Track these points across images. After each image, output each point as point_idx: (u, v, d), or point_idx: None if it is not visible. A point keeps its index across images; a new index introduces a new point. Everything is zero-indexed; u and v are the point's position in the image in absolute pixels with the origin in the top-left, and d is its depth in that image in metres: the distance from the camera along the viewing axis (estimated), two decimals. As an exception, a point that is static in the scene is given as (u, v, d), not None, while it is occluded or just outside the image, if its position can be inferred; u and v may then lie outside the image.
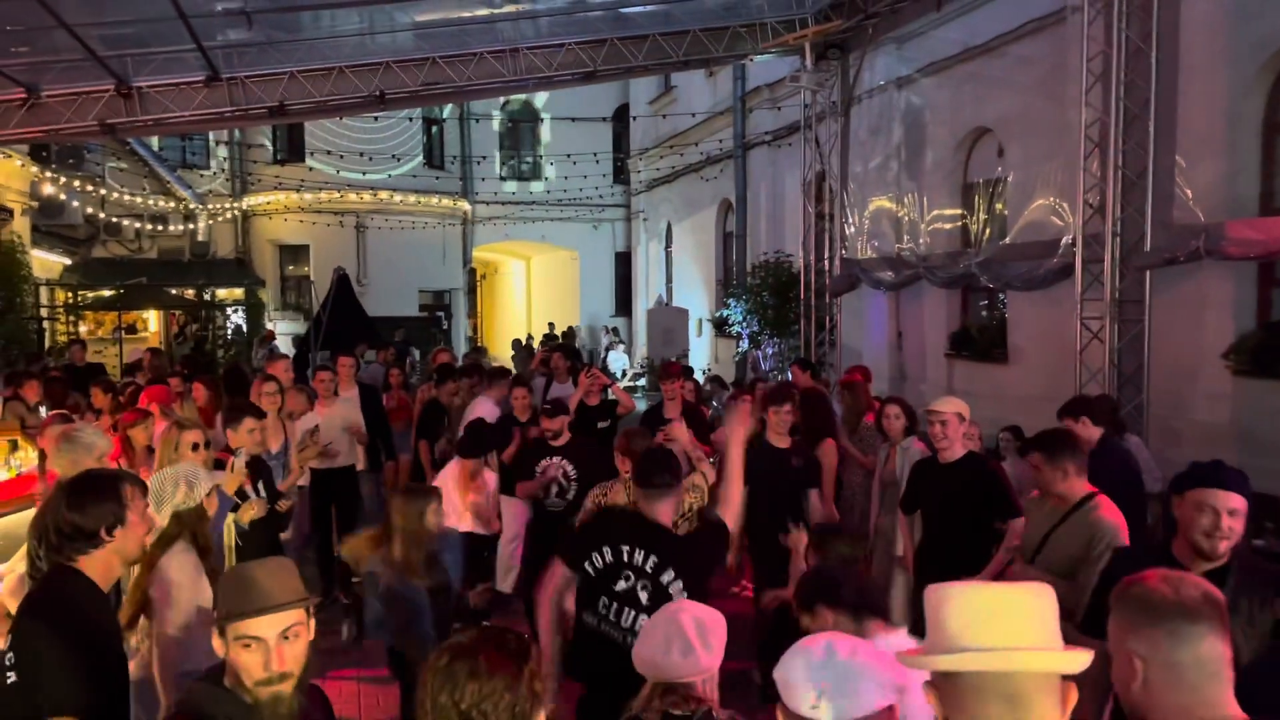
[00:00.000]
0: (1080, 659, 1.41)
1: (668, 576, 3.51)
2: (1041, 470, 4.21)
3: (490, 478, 6.47)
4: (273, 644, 2.17)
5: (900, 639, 2.66)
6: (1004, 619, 1.41)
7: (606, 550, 3.60)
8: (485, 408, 7.90)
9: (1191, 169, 7.88)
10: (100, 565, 2.84)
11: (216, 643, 2.23)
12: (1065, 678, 1.46)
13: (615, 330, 24.63)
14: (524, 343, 20.48)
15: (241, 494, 5.07)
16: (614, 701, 2.71)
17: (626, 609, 3.53)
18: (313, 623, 2.27)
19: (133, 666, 3.66)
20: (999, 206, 10.65)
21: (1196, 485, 3.06)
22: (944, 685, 1.45)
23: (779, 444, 6.04)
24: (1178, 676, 1.76)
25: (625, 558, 3.57)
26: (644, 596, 3.51)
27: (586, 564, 3.64)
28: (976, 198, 11.12)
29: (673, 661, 2.48)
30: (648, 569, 3.54)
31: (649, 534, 3.59)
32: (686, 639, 2.49)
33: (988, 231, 10.80)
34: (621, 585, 3.55)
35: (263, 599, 2.17)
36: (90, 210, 19.21)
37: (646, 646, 2.55)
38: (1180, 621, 1.79)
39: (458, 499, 6.08)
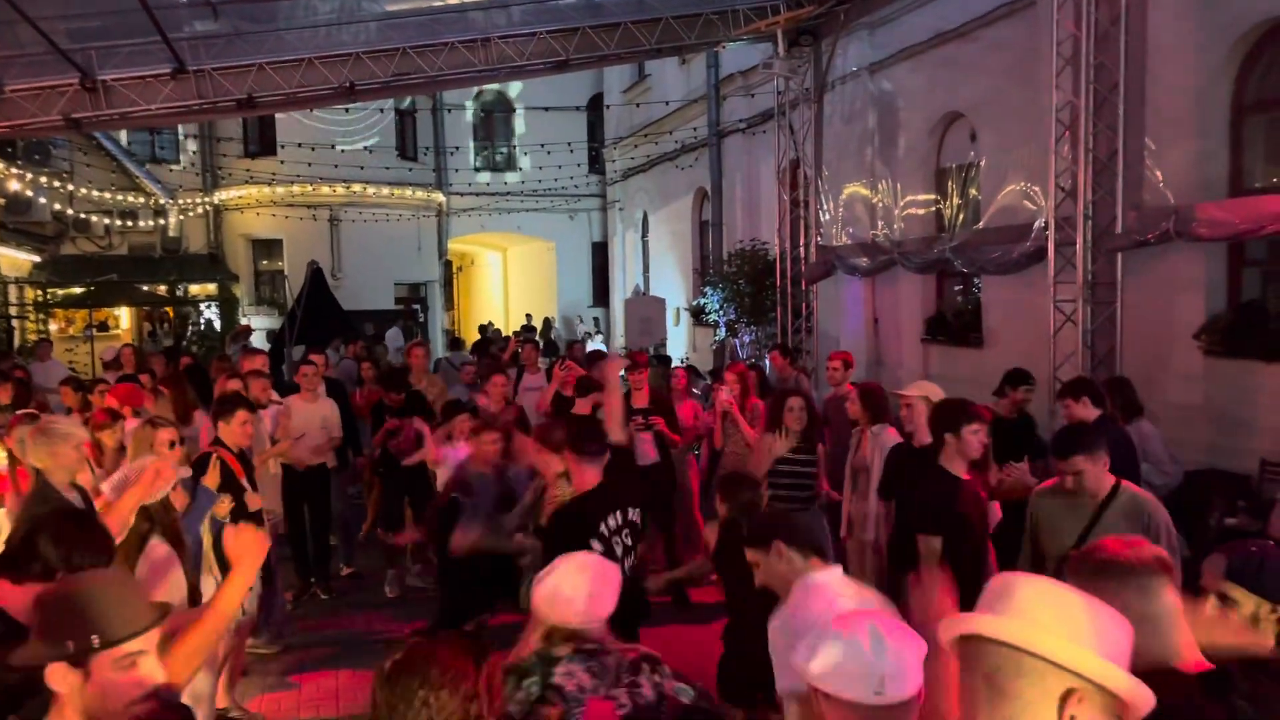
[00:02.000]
0: (1145, 697, 1.48)
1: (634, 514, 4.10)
2: (1085, 470, 3.89)
3: None
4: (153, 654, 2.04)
5: (835, 574, 3.10)
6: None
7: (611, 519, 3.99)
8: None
9: (1161, 151, 7.93)
10: None
11: (71, 677, 1.95)
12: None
13: (594, 320, 24.59)
14: (489, 331, 20.45)
15: (235, 487, 5.05)
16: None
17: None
18: None
19: None
20: (972, 191, 10.68)
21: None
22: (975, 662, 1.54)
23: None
24: (1153, 627, 1.92)
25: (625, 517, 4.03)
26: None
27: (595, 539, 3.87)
28: (950, 183, 11.16)
29: (573, 611, 2.72)
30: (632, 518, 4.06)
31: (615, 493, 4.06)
32: (591, 589, 2.76)
33: (961, 216, 10.84)
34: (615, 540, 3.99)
35: (151, 609, 2.07)
36: (58, 206, 18.94)
37: (549, 596, 2.78)
38: (1148, 578, 2.01)
39: None
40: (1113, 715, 1.48)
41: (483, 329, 20.95)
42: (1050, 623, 1.50)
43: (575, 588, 2.75)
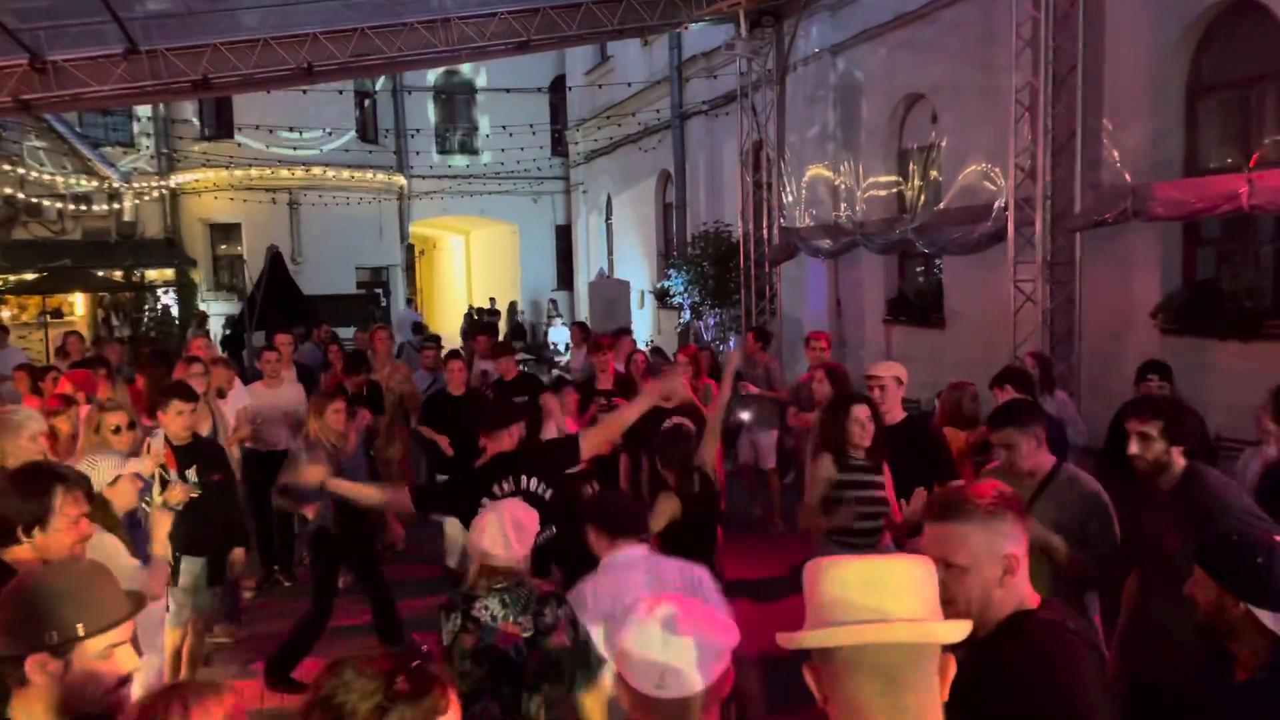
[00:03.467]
0: (959, 629, 1.39)
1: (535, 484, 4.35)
2: (1017, 443, 3.84)
3: None
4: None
5: (637, 553, 3.42)
6: (877, 591, 1.37)
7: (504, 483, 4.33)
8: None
9: (1119, 131, 8.02)
10: (24, 563, 2.72)
11: (52, 666, 1.94)
12: (944, 649, 1.43)
13: (553, 303, 24.50)
14: (475, 315, 20.43)
15: (165, 476, 4.97)
16: None
17: None
18: None
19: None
20: (933, 172, 10.75)
21: None
22: (821, 664, 1.41)
23: None
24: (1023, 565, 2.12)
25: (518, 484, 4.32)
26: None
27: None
28: (911, 164, 11.21)
29: (496, 551, 3.24)
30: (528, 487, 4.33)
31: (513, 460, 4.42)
32: (506, 533, 3.25)
33: (922, 197, 10.91)
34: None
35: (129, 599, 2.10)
36: (9, 191, 18.55)
37: (477, 538, 3.30)
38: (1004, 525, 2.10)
39: None
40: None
41: (468, 316, 20.95)
42: (923, 605, 1.41)
43: (496, 533, 3.27)
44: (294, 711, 1.66)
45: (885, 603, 1.36)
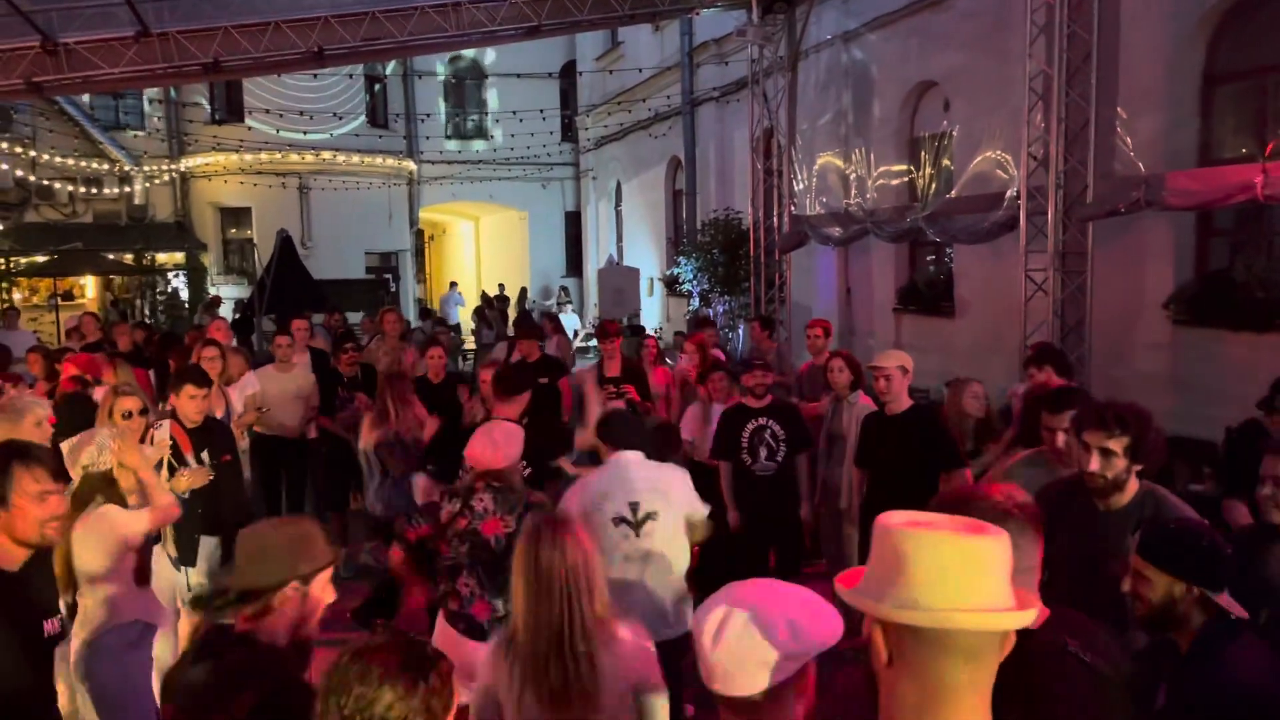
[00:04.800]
0: (1030, 616, 1.42)
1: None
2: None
3: None
4: None
5: (635, 457, 4.18)
6: (970, 573, 1.39)
7: None
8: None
9: (1133, 120, 7.96)
10: None
11: (301, 590, 2.34)
12: None
13: (564, 289, 24.48)
14: (493, 300, 20.43)
15: (178, 460, 4.99)
16: None
17: None
18: None
19: (75, 628, 3.63)
20: (945, 160, 10.69)
21: None
22: (898, 632, 1.43)
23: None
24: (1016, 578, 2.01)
25: None
26: None
27: None
28: (923, 152, 11.16)
29: (486, 454, 3.88)
30: None
31: None
32: (494, 439, 3.91)
33: (934, 186, 10.85)
34: None
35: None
36: (21, 173, 18.58)
37: (471, 449, 3.94)
38: (1022, 536, 1.99)
39: None
40: None
41: (484, 298, 21.03)
42: (1004, 585, 1.43)
43: (486, 441, 3.92)
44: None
45: (983, 585, 1.39)
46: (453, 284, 25.58)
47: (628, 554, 4.03)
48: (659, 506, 4.09)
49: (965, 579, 1.39)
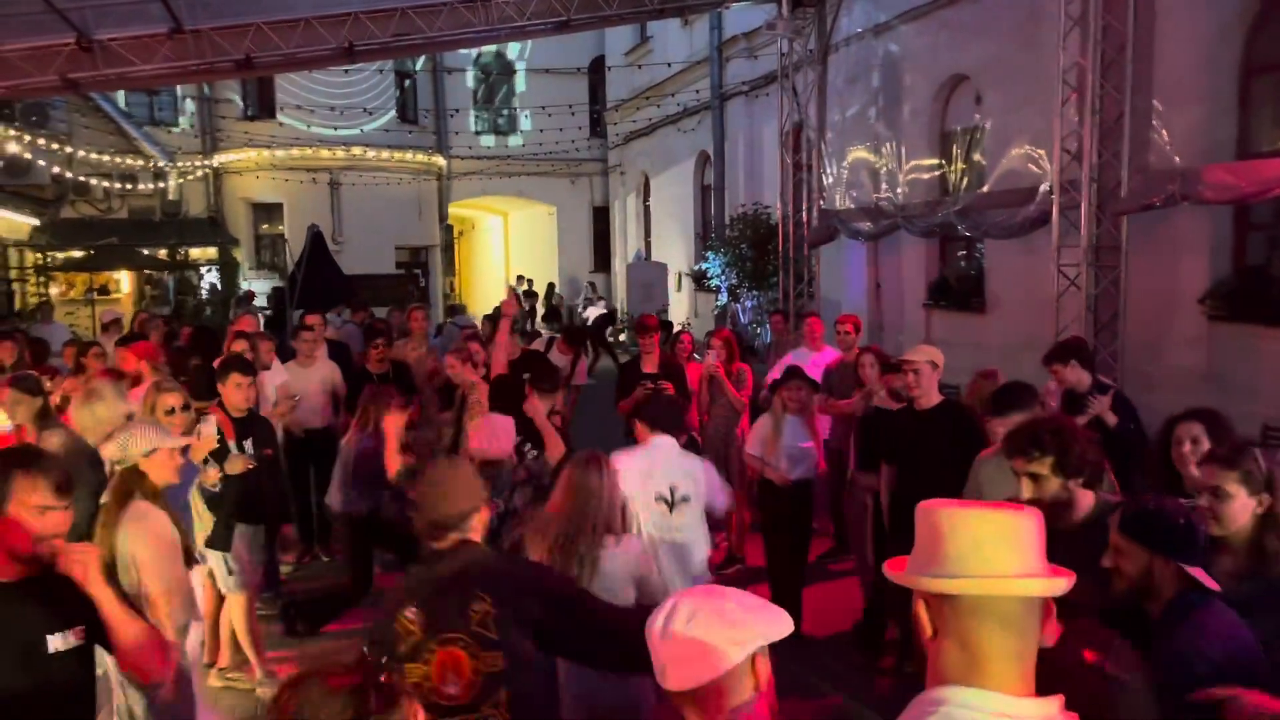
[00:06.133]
0: (1061, 583, 1.50)
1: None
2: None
3: None
4: None
5: (667, 441, 4.58)
6: (1002, 545, 1.48)
7: None
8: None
9: (1169, 113, 7.84)
10: None
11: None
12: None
13: (591, 285, 24.49)
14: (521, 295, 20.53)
15: (222, 452, 5.05)
16: None
17: None
18: None
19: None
20: (976, 155, 10.59)
21: None
22: (939, 604, 1.52)
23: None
24: None
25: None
26: None
27: None
28: (954, 146, 11.06)
29: (486, 446, 4.70)
30: None
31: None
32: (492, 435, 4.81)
33: (965, 180, 10.76)
34: None
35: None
36: (57, 169, 18.80)
37: (474, 441, 4.83)
38: None
39: None
40: None
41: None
42: (1039, 556, 1.52)
43: (487, 435, 4.75)
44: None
45: (1014, 555, 1.48)
46: (459, 307, 25.60)
47: (662, 530, 4.35)
48: (691, 491, 4.46)
49: (998, 550, 1.48)
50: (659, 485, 4.41)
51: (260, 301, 17.93)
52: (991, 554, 1.48)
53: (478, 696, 2.52)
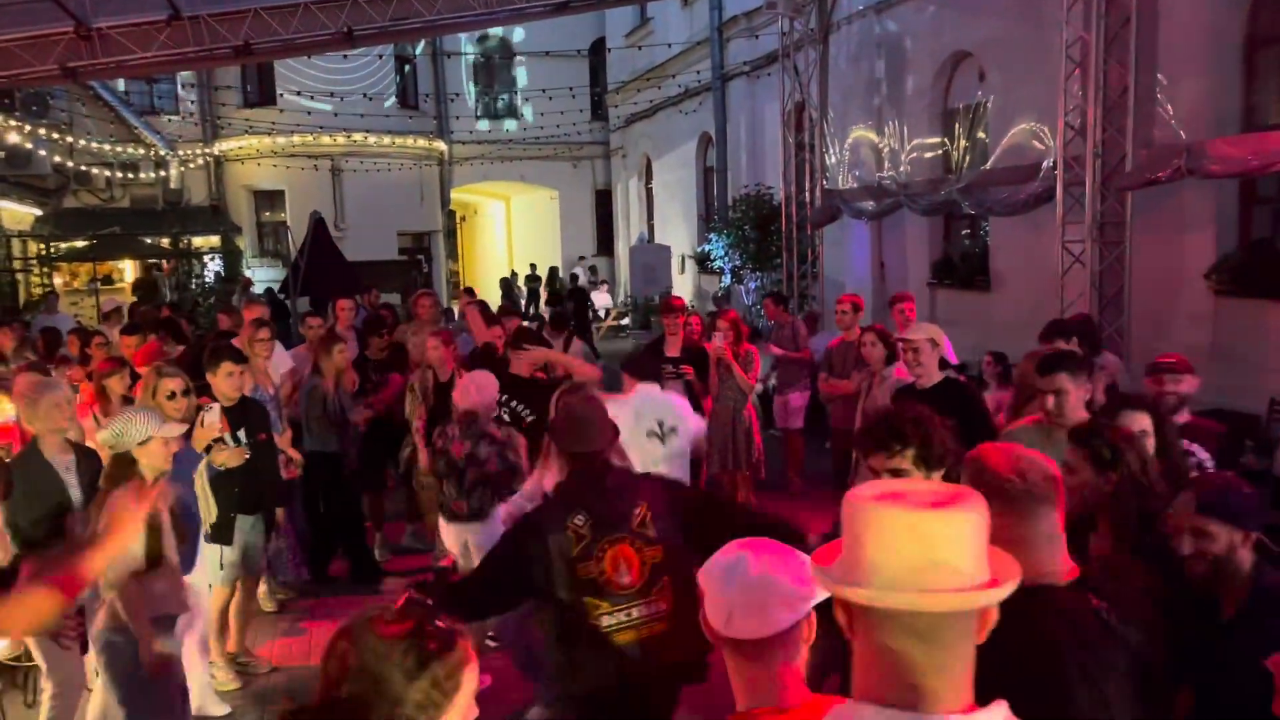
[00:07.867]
0: (1000, 594, 1.31)
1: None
2: (1068, 390, 3.78)
3: None
4: None
5: (652, 388, 5.32)
6: (926, 550, 1.28)
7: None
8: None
9: (1173, 87, 7.79)
10: None
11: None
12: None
13: (593, 269, 24.43)
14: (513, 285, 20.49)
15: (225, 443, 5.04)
16: None
17: None
18: None
19: (101, 618, 3.63)
20: (980, 132, 10.53)
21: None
22: (856, 611, 1.35)
23: None
24: (1030, 548, 1.98)
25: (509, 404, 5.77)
26: None
27: None
28: (957, 124, 11.00)
29: (462, 398, 5.18)
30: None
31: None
32: (467, 389, 5.19)
33: (969, 158, 10.70)
34: None
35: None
36: (59, 159, 18.78)
37: (456, 395, 5.26)
38: (1032, 504, 2.07)
39: None
40: None
41: (503, 283, 21.11)
42: (972, 559, 1.32)
43: (465, 386, 5.21)
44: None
45: (933, 561, 1.28)
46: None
47: (656, 459, 4.91)
48: (677, 423, 5.17)
49: (915, 558, 1.28)
50: (648, 423, 5.05)
51: (258, 289, 17.90)
52: (909, 563, 1.28)
53: (647, 583, 3.05)
